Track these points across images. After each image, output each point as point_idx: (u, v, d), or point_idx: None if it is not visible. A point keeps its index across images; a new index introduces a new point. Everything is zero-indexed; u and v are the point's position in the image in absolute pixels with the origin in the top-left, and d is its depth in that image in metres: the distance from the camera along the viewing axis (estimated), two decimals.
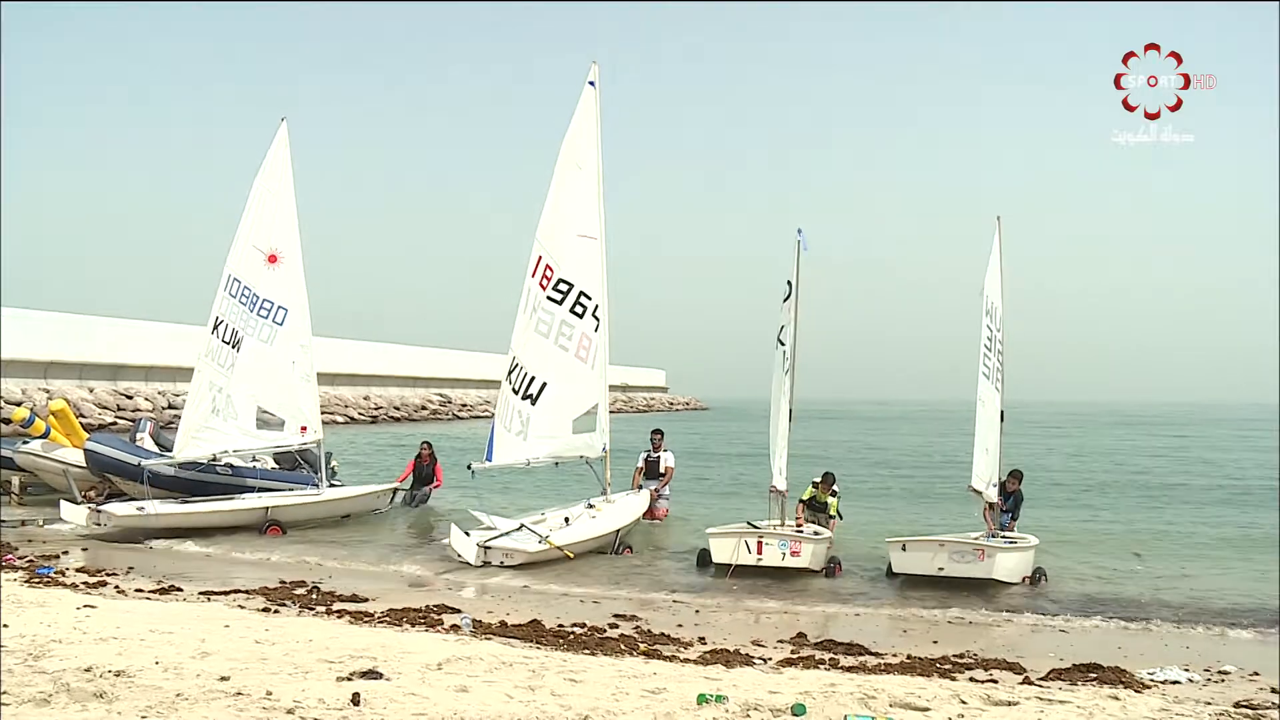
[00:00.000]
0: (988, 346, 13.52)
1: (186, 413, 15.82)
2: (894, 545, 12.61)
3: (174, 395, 44.05)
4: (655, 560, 14.01)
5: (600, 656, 7.92)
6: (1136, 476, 30.13)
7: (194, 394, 15.84)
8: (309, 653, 7.14)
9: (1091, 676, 7.85)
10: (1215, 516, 20.17)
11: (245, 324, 16.00)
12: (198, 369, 15.91)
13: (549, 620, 9.57)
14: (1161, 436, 58.19)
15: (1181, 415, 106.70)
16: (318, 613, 9.62)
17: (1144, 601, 11.64)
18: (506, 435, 14.46)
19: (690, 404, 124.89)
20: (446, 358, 74.69)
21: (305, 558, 13.49)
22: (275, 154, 16.46)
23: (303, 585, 11.19)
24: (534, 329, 14.60)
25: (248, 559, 13.50)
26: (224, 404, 15.86)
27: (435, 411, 63.86)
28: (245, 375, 16.00)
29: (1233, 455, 40.44)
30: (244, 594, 10.51)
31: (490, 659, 7.23)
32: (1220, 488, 26.29)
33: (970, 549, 12.17)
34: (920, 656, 8.58)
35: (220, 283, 15.89)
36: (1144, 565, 14.21)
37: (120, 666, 6.36)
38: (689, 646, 8.76)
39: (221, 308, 15.86)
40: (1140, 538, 16.91)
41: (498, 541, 12.99)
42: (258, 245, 16.19)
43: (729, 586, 11.99)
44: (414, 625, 9.06)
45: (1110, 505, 22.09)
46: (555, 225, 14.74)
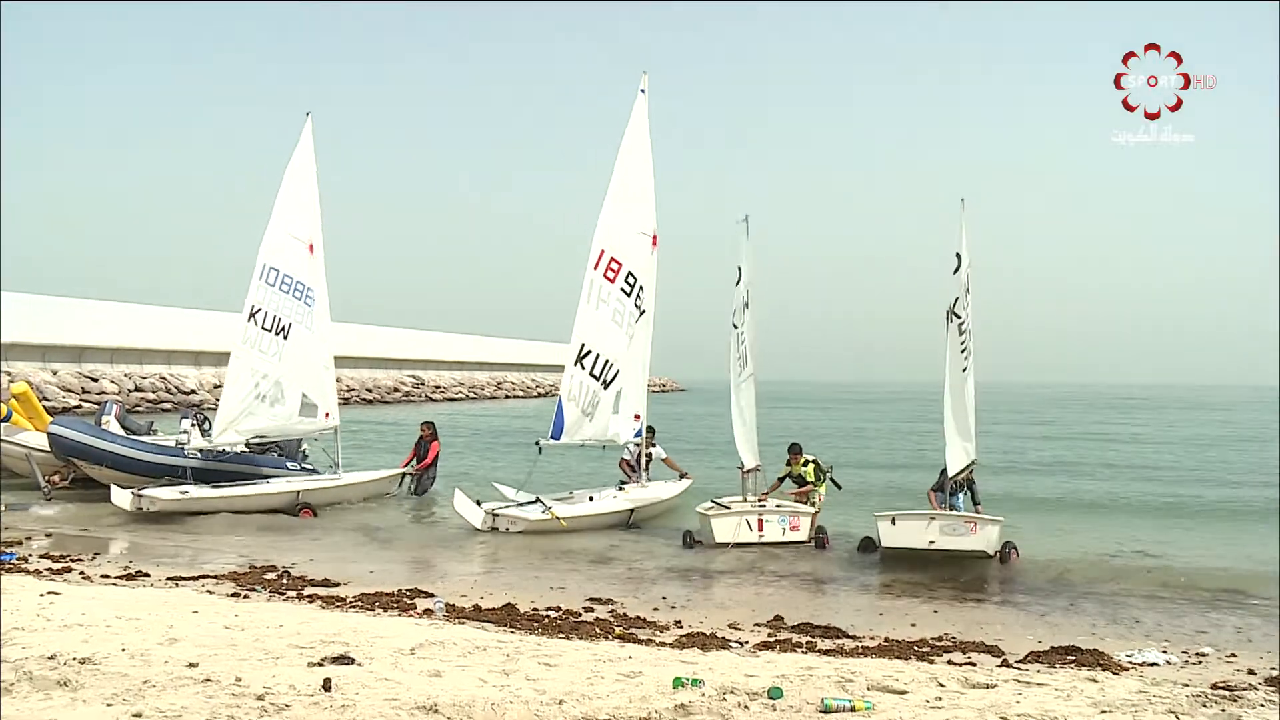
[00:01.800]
0: (961, 329, 13.31)
1: (225, 399, 16.00)
2: (883, 519, 12.64)
3: (140, 378, 43.66)
4: (633, 543, 14.04)
5: (575, 640, 7.91)
6: (1121, 456, 30.57)
7: (233, 381, 16.10)
8: (279, 638, 7.09)
9: (1070, 659, 7.93)
10: (1200, 496, 20.43)
11: (293, 312, 16.51)
12: (235, 356, 16.19)
13: (523, 604, 9.57)
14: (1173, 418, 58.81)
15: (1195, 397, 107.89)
16: (288, 598, 9.57)
17: (1123, 582, 11.77)
18: (576, 413, 15.26)
19: (666, 385, 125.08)
20: (418, 338, 74.38)
21: (276, 543, 13.40)
22: (303, 147, 16.96)
23: (273, 570, 11.13)
24: (609, 319, 15.55)
25: (217, 544, 13.38)
26: (272, 390, 16.30)
27: (408, 394, 63.54)
28: (295, 362, 16.54)
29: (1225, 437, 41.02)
30: (213, 579, 10.44)
31: (463, 643, 7.20)
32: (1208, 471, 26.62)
33: (962, 522, 12.37)
34: (898, 639, 8.63)
35: (255, 271, 16.17)
36: (1124, 544, 14.41)
37: (85, 654, 6.28)
38: (665, 630, 8.79)
39: (257, 296, 16.13)
40: (1124, 516, 17.19)
41: (506, 510, 14.05)
42: (296, 235, 16.66)
43: (705, 569, 12.04)
44: (386, 610, 9.03)
45: (1097, 484, 22.46)
46: (617, 222, 15.62)
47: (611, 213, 15.61)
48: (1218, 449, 34.29)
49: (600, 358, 15.44)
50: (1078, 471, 25.94)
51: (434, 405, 58.04)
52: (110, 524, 14.36)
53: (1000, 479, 21.19)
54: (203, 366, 50.33)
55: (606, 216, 15.56)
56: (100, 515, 14.74)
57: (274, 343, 16.25)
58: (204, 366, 50.42)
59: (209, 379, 48.38)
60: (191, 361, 49.94)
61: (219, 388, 48.34)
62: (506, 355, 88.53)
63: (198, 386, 46.27)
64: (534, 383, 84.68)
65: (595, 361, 15.41)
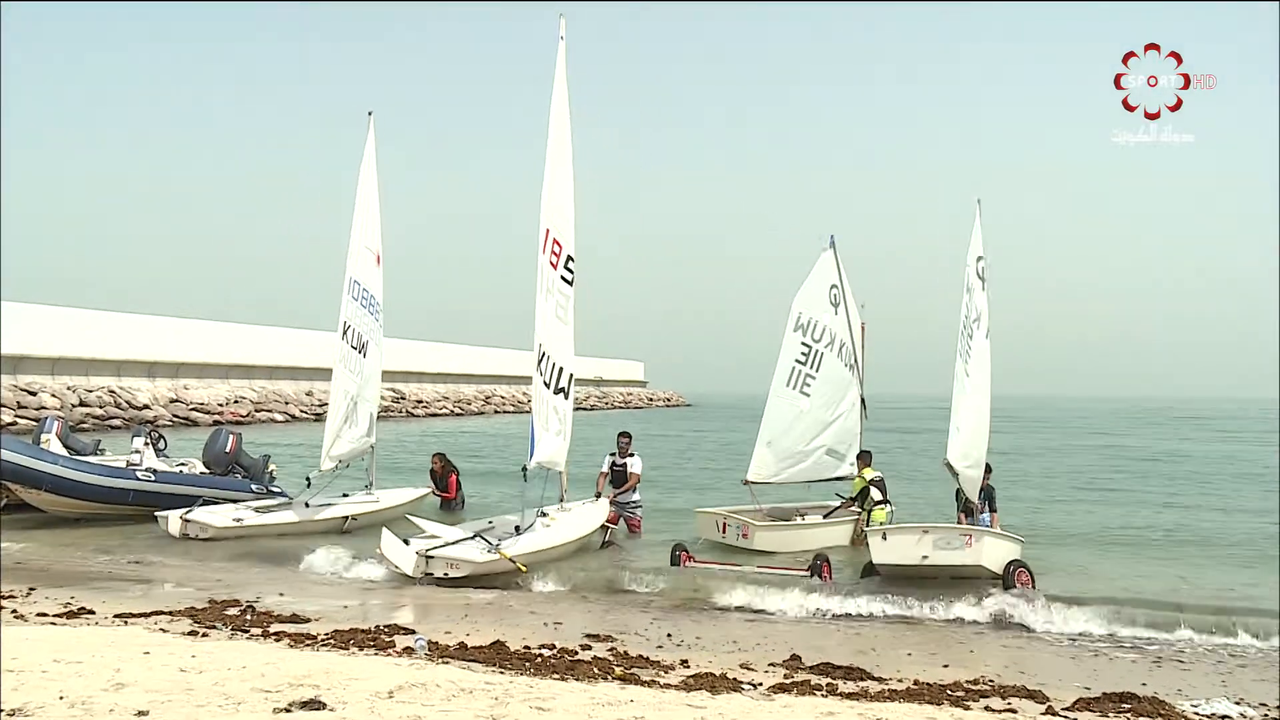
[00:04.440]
0: (964, 326, 14.20)
1: (329, 425, 17.00)
2: (874, 534, 13.02)
3: (85, 390, 43.72)
4: (633, 573, 14.09)
5: (571, 682, 7.94)
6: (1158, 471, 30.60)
7: (334, 405, 17.09)
8: (242, 681, 7.12)
9: (1125, 708, 7.92)
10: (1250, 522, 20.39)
11: (368, 328, 17.39)
12: (335, 376, 17.20)
13: (514, 641, 9.59)
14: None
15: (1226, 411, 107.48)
16: (252, 635, 9.58)
17: (1175, 615, 11.70)
18: (546, 435, 14.61)
19: (672, 400, 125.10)
20: (397, 348, 74.19)
21: (239, 574, 13.44)
22: (369, 150, 17.58)
23: (235, 604, 11.14)
24: (554, 313, 14.80)
25: (172, 575, 13.39)
26: (352, 411, 17.20)
27: (386, 409, 63.53)
28: (369, 380, 17.47)
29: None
30: (167, 615, 10.41)
31: (448, 685, 7.23)
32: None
33: (957, 535, 12.58)
34: (928, 682, 8.64)
35: (344, 287, 17.06)
36: (1173, 571, 14.40)
37: (15, 704, 6.24)
38: (670, 670, 8.81)
39: (348, 312, 17.08)
40: (1165, 541, 17.18)
41: (442, 551, 13.10)
42: (369, 245, 17.46)
43: (712, 602, 12.08)
44: (362, 648, 9.05)
45: (1140, 502, 22.49)
46: (557, 195, 14.96)
47: (549, 183, 14.85)
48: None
49: (554, 363, 14.79)
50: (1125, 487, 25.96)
51: (416, 423, 58.13)
52: (50, 555, 14.34)
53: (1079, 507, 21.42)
54: (157, 379, 50.47)
55: (547, 188, 14.81)
56: (40, 545, 14.73)
57: (358, 361, 17.20)
58: (159, 379, 50.57)
59: (164, 393, 48.53)
60: (144, 373, 50.07)
61: (175, 402, 48.95)
62: (496, 366, 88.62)
63: (151, 401, 46.39)
64: (526, 396, 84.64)
65: (550, 367, 14.74)
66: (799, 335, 17.33)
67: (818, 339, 17.48)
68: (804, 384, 17.35)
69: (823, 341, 17.52)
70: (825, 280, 17.70)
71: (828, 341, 17.57)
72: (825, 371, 17.50)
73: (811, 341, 17.42)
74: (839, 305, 17.76)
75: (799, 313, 17.36)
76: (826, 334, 17.58)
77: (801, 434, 17.41)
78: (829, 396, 17.66)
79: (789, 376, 17.31)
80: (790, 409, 17.36)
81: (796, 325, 17.32)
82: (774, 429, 17.32)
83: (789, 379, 17.31)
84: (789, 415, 17.35)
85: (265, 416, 52.40)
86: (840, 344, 17.73)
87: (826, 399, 17.64)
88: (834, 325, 17.67)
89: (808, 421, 17.43)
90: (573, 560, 14.33)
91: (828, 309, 17.65)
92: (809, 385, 17.37)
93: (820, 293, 17.67)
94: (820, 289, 17.68)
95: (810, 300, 17.53)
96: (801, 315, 17.36)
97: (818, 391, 17.48)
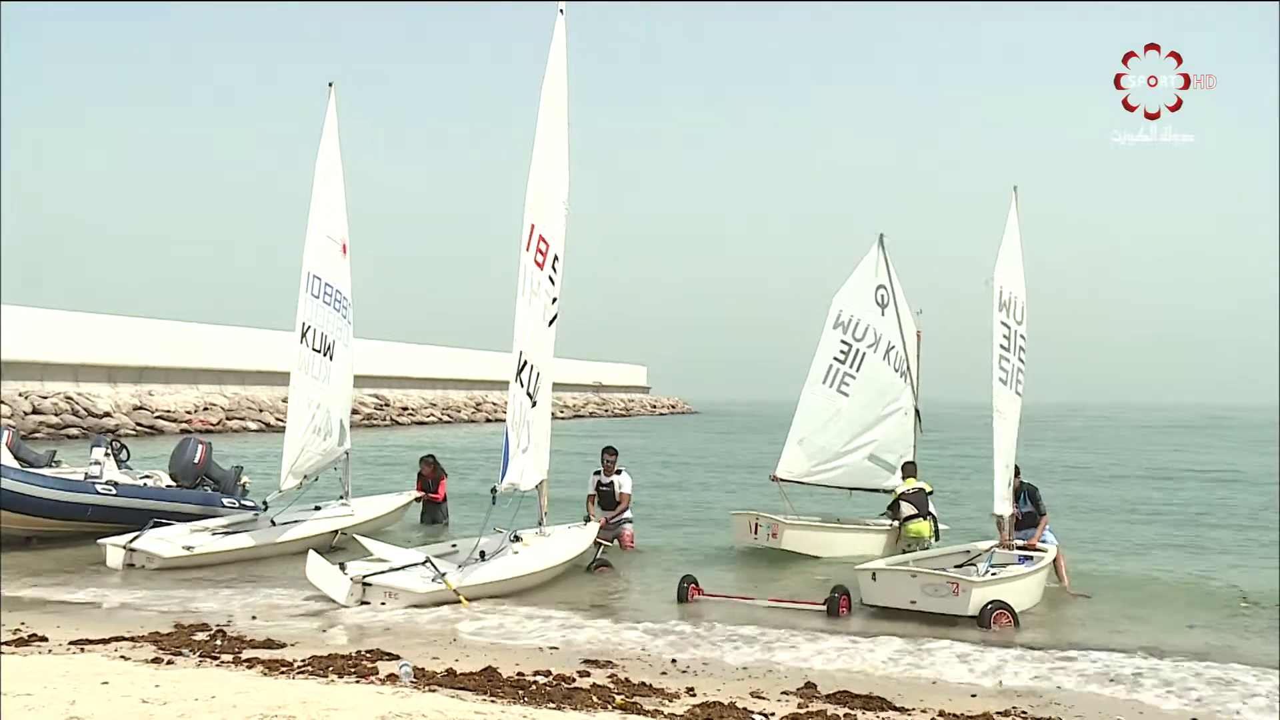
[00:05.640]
0: (1005, 346, 14.21)
1: (288, 438, 16.18)
2: (864, 573, 13.07)
3: (39, 397, 43.62)
4: (634, 590, 14.07)
5: (569, 711, 7.91)
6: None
7: (294, 415, 16.37)
8: (210, 713, 7.08)
9: None
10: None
11: (335, 328, 16.89)
12: (294, 384, 16.44)
13: (506, 667, 9.55)
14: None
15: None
16: (222, 662, 9.54)
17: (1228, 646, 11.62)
18: (518, 452, 14.02)
19: (676, 406, 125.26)
20: (382, 350, 74.16)
21: (208, 595, 13.38)
22: (329, 127, 16.94)
23: (204, 628, 11.10)
24: (539, 316, 14.37)
25: (132, 597, 13.31)
26: (324, 421, 16.72)
27: (369, 417, 63.68)
28: (338, 386, 16.95)
29: None
30: (128, 641, 10.33)
31: (435, 716, 7.20)
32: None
33: (944, 582, 12.53)
34: (955, 713, 8.61)
35: (301, 282, 16.29)
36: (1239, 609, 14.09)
37: None
38: (675, 699, 8.77)
39: (307, 311, 16.36)
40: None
41: (382, 578, 12.80)
42: (331, 235, 16.83)
43: (719, 625, 12.03)
44: (342, 675, 9.01)
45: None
46: (545, 187, 14.52)
47: (537, 175, 14.31)
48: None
49: (533, 369, 14.26)
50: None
51: (402, 431, 58.12)
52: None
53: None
54: (119, 384, 50.44)
55: (533, 180, 14.25)
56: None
57: (323, 366, 16.64)
58: (121, 384, 50.52)
59: (126, 399, 48.50)
60: (105, 378, 50.06)
61: (139, 409, 48.93)
62: (487, 370, 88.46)
63: (112, 408, 46.36)
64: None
65: (531, 374, 14.20)
66: (838, 333, 17.82)
67: (859, 338, 17.90)
68: (842, 382, 17.81)
69: (865, 341, 17.93)
70: (871, 279, 18.15)
71: (871, 341, 17.97)
72: (867, 371, 17.93)
73: (852, 340, 17.87)
74: (886, 306, 18.16)
75: (839, 310, 17.85)
76: (870, 333, 17.98)
77: (838, 433, 17.85)
78: (871, 398, 18.04)
79: (825, 373, 17.81)
80: (825, 407, 17.82)
81: (836, 323, 17.82)
82: (807, 426, 17.85)
83: (825, 376, 17.81)
84: (824, 413, 17.81)
85: (238, 425, 52.43)
86: (888, 346, 18.13)
87: (868, 400, 18.02)
88: (880, 326, 18.06)
89: (845, 421, 17.86)
90: (566, 583, 14.17)
91: (873, 309, 18.05)
92: (848, 384, 17.83)
93: (864, 291, 18.08)
94: (864, 287, 18.10)
95: (853, 298, 17.98)
96: (842, 313, 17.86)
97: (857, 391, 17.90)
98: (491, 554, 13.81)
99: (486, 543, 14.00)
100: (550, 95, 14.67)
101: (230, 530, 16.16)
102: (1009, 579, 13.09)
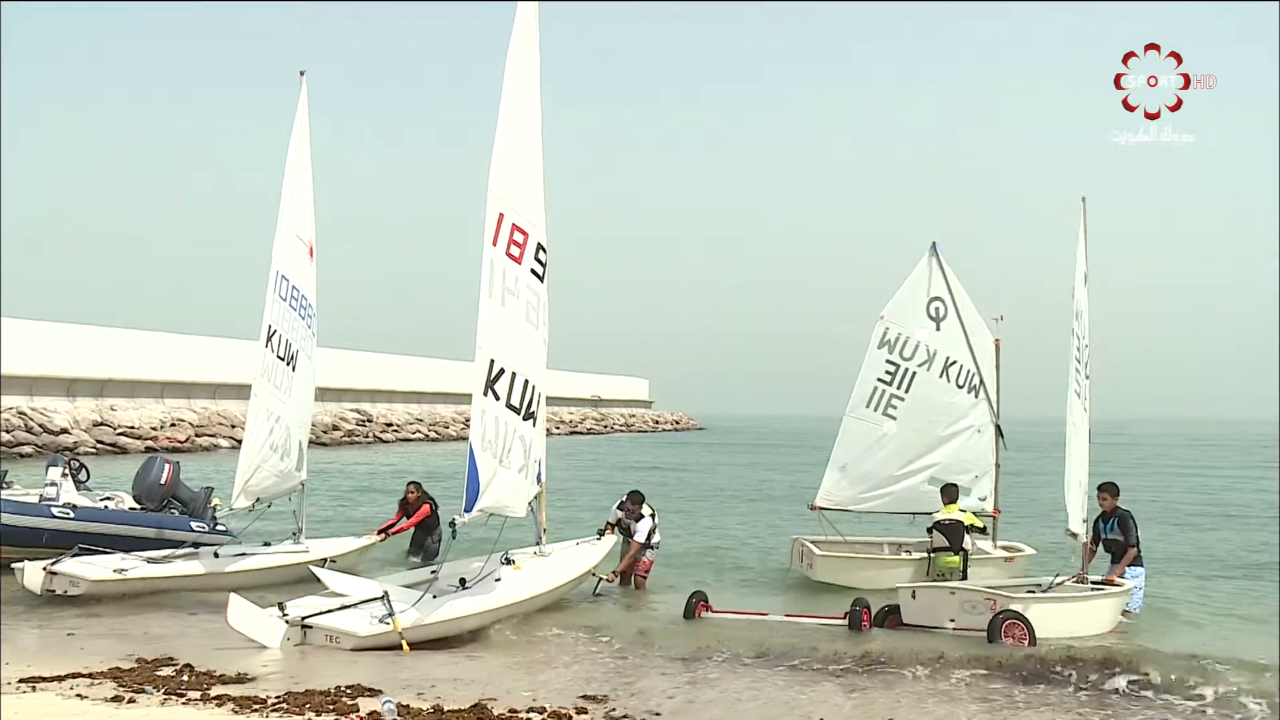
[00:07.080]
0: (1077, 358, 14.76)
1: (244, 451, 16.04)
2: (904, 591, 13.68)
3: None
4: (637, 612, 14.07)
5: None
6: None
7: (252, 426, 16.14)
8: None
9: None
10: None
11: (299, 336, 16.62)
12: (255, 393, 16.27)
13: (498, 703, 9.56)
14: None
15: None
16: (189, 700, 9.54)
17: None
18: (503, 471, 13.39)
19: (681, 422, 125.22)
20: (364, 362, 74.20)
21: (173, 628, 13.32)
22: (300, 120, 16.82)
23: (170, 663, 11.07)
24: (523, 317, 13.83)
25: (91, 629, 13.23)
26: (282, 438, 16.38)
27: (350, 433, 63.73)
28: (298, 400, 16.64)
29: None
30: (86, 679, 10.26)
31: None
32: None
33: (981, 599, 12.95)
34: None
35: (269, 281, 16.13)
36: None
37: None
38: None
39: (274, 314, 16.15)
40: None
41: (323, 619, 12.31)
42: (300, 235, 16.70)
43: (721, 655, 12.02)
44: (320, 713, 9.03)
45: None
46: (513, 168, 13.85)
47: (502, 153, 13.65)
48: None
49: (517, 377, 13.59)
50: None
51: (385, 448, 58.12)
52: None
53: None
54: (78, 398, 50.47)
55: (497, 162, 13.57)
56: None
57: (285, 375, 16.36)
58: (79, 398, 50.54)
59: (86, 414, 48.53)
60: (62, 391, 50.11)
61: (100, 425, 48.99)
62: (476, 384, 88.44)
63: (71, 424, 46.39)
64: None
65: (511, 383, 13.53)
66: (884, 352, 18.05)
67: (908, 357, 18.07)
68: (889, 406, 18.07)
69: (915, 359, 18.09)
70: (922, 292, 18.27)
71: (924, 359, 18.11)
72: (918, 392, 18.09)
73: (900, 360, 18.06)
74: (944, 319, 18.23)
75: (886, 328, 18.06)
76: (922, 350, 18.11)
77: (887, 459, 18.05)
78: (927, 419, 18.19)
79: (870, 397, 18.08)
80: (869, 432, 18.07)
81: (882, 341, 18.06)
82: (849, 452, 18.14)
83: (869, 399, 18.08)
84: (868, 439, 18.08)
85: (208, 442, 52.37)
86: (946, 362, 18.23)
87: (923, 422, 18.16)
88: (934, 342, 18.18)
89: (895, 445, 18.06)
90: (565, 603, 14.16)
91: (925, 324, 18.17)
92: (894, 407, 18.08)
93: (914, 305, 18.23)
94: (915, 301, 18.25)
95: (902, 313, 18.18)
96: (889, 331, 18.07)
97: (907, 413, 18.09)
98: (474, 581, 13.32)
99: (475, 567, 13.70)
100: (516, 60, 14.01)
101: (168, 559, 15.65)
102: (1050, 599, 13.30)
